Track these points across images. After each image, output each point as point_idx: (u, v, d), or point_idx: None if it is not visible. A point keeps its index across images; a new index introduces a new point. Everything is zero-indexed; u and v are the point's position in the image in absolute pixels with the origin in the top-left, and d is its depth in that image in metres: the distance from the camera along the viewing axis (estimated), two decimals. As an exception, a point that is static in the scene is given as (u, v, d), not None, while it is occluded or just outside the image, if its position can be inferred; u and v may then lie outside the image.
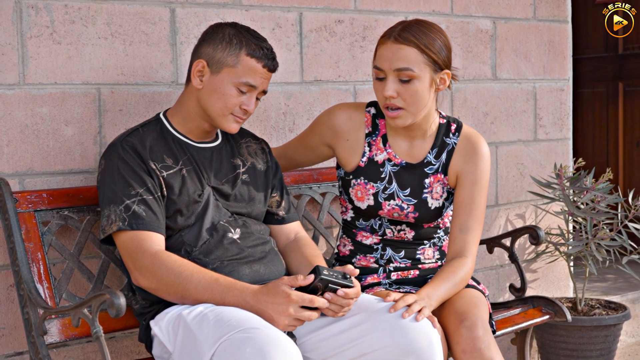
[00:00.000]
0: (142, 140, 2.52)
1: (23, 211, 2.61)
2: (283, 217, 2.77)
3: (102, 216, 2.46)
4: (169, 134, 2.59)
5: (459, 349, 2.53)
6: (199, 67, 2.54)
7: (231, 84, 2.52)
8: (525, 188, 4.05)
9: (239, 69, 2.51)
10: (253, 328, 2.19)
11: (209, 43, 2.54)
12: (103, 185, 2.48)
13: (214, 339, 2.22)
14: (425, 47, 2.60)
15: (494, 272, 3.95)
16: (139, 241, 2.41)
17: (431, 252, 2.89)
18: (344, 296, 2.31)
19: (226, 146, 2.69)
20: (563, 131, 4.20)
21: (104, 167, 2.50)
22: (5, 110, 2.68)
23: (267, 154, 2.77)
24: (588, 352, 3.86)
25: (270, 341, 2.15)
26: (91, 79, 2.83)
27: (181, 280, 2.37)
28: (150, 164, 2.49)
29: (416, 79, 2.61)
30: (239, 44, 2.51)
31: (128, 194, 2.44)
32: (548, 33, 4.10)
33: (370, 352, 2.38)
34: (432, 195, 2.80)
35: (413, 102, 2.63)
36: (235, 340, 2.17)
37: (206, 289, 2.37)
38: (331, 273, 2.29)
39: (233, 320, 2.23)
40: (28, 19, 2.70)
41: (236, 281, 2.38)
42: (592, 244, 3.83)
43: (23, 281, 2.52)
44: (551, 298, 3.16)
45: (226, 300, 2.35)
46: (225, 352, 2.18)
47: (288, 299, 2.26)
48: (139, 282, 2.43)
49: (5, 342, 2.71)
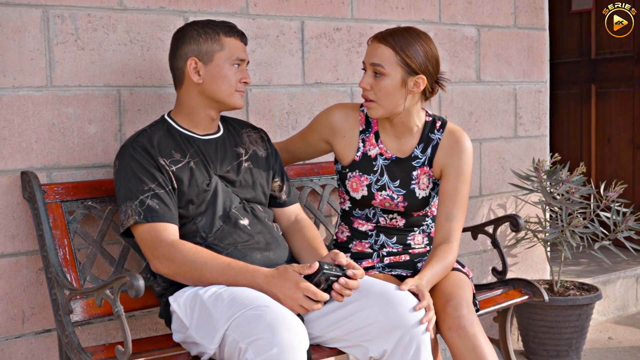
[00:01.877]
0: (151, 139, 2.52)
1: (50, 202, 2.61)
2: (285, 201, 2.78)
3: (120, 212, 2.46)
4: (175, 130, 2.59)
5: (445, 327, 2.53)
6: (192, 66, 2.53)
7: (227, 64, 2.54)
8: (506, 180, 4.05)
9: (226, 49, 2.54)
10: (264, 306, 2.21)
11: (187, 43, 2.54)
12: (119, 184, 2.48)
13: (227, 315, 2.23)
14: (400, 50, 2.61)
15: (477, 256, 3.95)
16: (155, 232, 2.42)
17: (420, 238, 2.89)
18: (345, 285, 2.32)
19: (229, 136, 2.69)
20: (541, 129, 4.20)
21: (118, 168, 2.50)
22: (34, 110, 2.68)
23: (267, 142, 2.78)
24: (563, 329, 3.86)
25: (279, 318, 2.17)
26: (112, 82, 2.83)
27: (197, 266, 2.38)
28: (159, 160, 2.49)
29: (386, 76, 2.63)
30: (213, 32, 2.54)
31: (142, 190, 2.44)
32: (527, 39, 4.09)
33: (363, 327, 2.39)
34: (420, 186, 2.80)
35: (382, 96, 2.65)
36: (248, 316, 2.19)
37: (220, 273, 2.37)
38: (331, 267, 2.32)
39: (245, 299, 2.25)
40: (55, 27, 2.70)
41: (247, 264, 2.39)
42: (567, 231, 3.83)
43: (51, 265, 2.52)
44: (530, 280, 3.16)
45: (239, 282, 2.36)
46: (238, 327, 2.19)
47: (296, 285, 2.28)
48: (158, 269, 2.44)
49: (35, 320, 2.72)
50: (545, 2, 4.15)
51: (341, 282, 2.32)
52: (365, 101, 2.69)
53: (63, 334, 2.50)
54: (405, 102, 2.68)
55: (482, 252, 3.97)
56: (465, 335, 2.49)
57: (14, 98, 2.64)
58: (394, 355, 2.35)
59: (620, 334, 4.36)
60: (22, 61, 2.65)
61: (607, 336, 4.33)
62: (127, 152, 2.49)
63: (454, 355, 2.52)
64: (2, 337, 2.67)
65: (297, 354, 2.13)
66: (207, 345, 2.30)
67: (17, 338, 2.70)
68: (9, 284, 2.66)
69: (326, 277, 2.30)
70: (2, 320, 2.66)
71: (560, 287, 3.99)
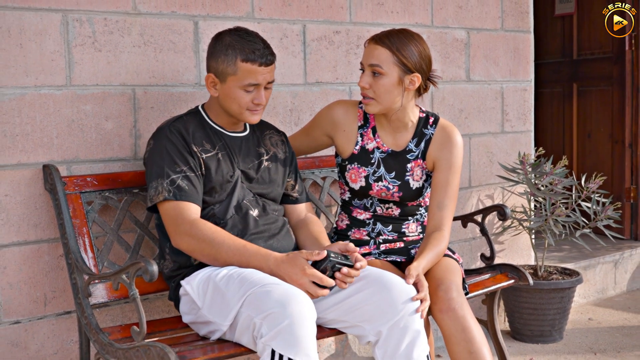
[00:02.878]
0: (186, 126, 2.53)
1: (70, 193, 2.62)
2: (297, 198, 2.78)
3: (150, 188, 2.47)
4: (207, 124, 2.60)
5: (436, 309, 2.54)
6: (210, 80, 2.54)
7: (237, 88, 2.50)
8: (494, 173, 4.06)
9: (239, 75, 2.48)
10: (273, 284, 2.24)
11: (213, 57, 2.52)
12: (151, 162, 2.49)
13: (240, 294, 2.25)
14: (397, 50, 2.61)
15: (467, 243, 3.95)
16: (180, 209, 2.43)
17: (414, 226, 2.90)
18: (347, 274, 2.34)
19: (253, 136, 2.70)
20: (526, 125, 4.20)
21: (152, 147, 2.51)
22: (55, 107, 2.68)
23: (286, 145, 2.78)
24: (547, 311, 3.87)
25: (288, 293, 2.19)
26: (127, 81, 2.83)
27: (214, 245, 2.39)
28: (192, 146, 2.50)
29: (384, 75, 2.63)
30: (233, 54, 2.47)
31: (174, 170, 2.45)
32: (514, 42, 4.09)
33: (360, 308, 2.40)
34: (414, 177, 2.80)
35: (380, 94, 2.65)
36: (258, 293, 2.21)
37: (235, 253, 2.39)
38: (337, 255, 2.34)
39: (255, 278, 2.28)
40: (73, 30, 2.70)
41: (260, 248, 2.41)
42: (551, 220, 3.83)
43: (71, 252, 2.53)
44: (516, 265, 3.17)
45: (251, 263, 2.38)
46: (251, 304, 2.21)
47: (303, 271, 2.29)
48: (179, 244, 2.45)
49: (56, 303, 2.73)
50: (530, 7, 4.15)
51: (343, 271, 2.34)
52: (364, 98, 2.70)
53: (82, 315, 2.51)
54: (402, 99, 2.69)
55: (472, 239, 3.97)
56: (455, 317, 2.50)
57: (36, 96, 2.65)
58: (390, 337, 2.36)
59: (599, 315, 4.37)
60: (44, 62, 2.65)
61: (588, 317, 4.34)
62: (163, 134, 2.50)
63: (445, 335, 2.52)
64: (26, 319, 2.68)
65: (307, 323, 2.16)
66: (220, 322, 2.32)
67: (40, 319, 2.71)
68: (32, 269, 2.67)
69: (332, 265, 2.32)
70: (25, 303, 2.67)
71: (544, 271, 4.00)
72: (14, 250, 2.64)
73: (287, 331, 2.13)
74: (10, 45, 2.58)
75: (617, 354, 3.74)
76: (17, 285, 2.65)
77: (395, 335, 2.35)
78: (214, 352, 2.33)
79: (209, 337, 2.43)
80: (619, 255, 4.84)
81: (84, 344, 2.62)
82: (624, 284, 4.88)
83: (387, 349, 2.36)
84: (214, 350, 2.33)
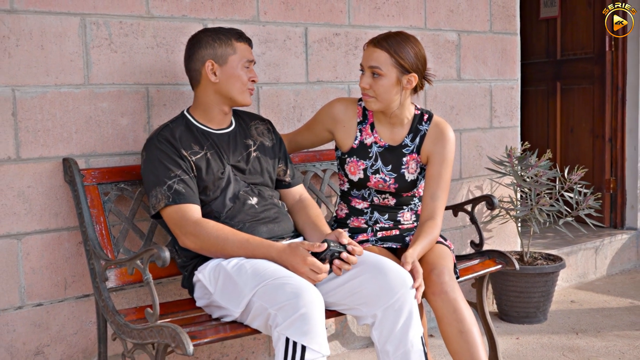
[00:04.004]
0: (173, 133, 2.52)
1: (88, 184, 2.61)
2: (289, 182, 2.78)
3: (150, 197, 2.46)
4: (193, 125, 2.58)
5: (429, 292, 2.53)
6: (209, 67, 2.52)
7: (239, 65, 2.53)
8: (483, 165, 4.05)
9: (238, 53, 2.53)
10: (286, 276, 2.24)
11: (204, 48, 2.52)
12: (147, 172, 2.48)
13: (252, 284, 2.26)
14: (395, 53, 2.60)
15: (458, 231, 3.95)
16: (182, 212, 2.42)
17: (409, 215, 2.89)
18: (345, 259, 2.35)
19: (239, 130, 2.68)
20: (513, 120, 4.19)
21: (145, 158, 2.50)
22: (74, 105, 2.68)
23: (272, 132, 2.77)
24: (532, 294, 3.87)
25: (302, 286, 2.20)
26: (141, 80, 2.82)
27: (219, 241, 2.39)
28: (182, 151, 2.48)
29: (384, 76, 2.62)
30: (226, 38, 2.53)
31: (169, 176, 2.44)
32: (501, 43, 4.08)
33: (358, 291, 2.40)
34: (409, 170, 2.80)
35: (380, 93, 2.64)
36: (273, 285, 2.22)
37: (240, 247, 2.39)
38: (335, 245, 2.34)
39: (268, 270, 2.28)
40: (91, 32, 2.69)
41: (263, 240, 2.41)
42: (536, 209, 3.83)
43: (89, 239, 2.53)
44: (503, 251, 3.16)
45: (256, 255, 2.38)
46: (265, 294, 2.22)
47: (304, 261, 2.30)
48: (186, 244, 2.44)
49: (76, 287, 2.73)
50: (516, 10, 4.14)
51: (343, 256, 2.34)
52: (364, 96, 2.69)
53: (100, 298, 2.51)
54: (401, 97, 2.69)
55: (462, 227, 3.97)
56: (447, 300, 2.50)
57: (56, 95, 2.64)
58: (386, 319, 2.36)
59: (581, 298, 4.37)
60: (63, 62, 2.64)
61: (570, 300, 4.34)
62: (153, 145, 2.49)
63: (438, 316, 2.52)
64: (48, 301, 2.68)
65: (318, 313, 2.17)
66: (232, 309, 2.32)
67: (60, 302, 2.71)
68: (53, 256, 2.67)
69: (332, 254, 2.32)
70: (47, 287, 2.67)
71: (529, 257, 4.00)
72: (36, 238, 2.63)
73: (301, 320, 2.13)
74: (32, 47, 2.57)
75: (597, 333, 3.74)
76: (39, 270, 2.65)
77: (390, 317, 2.35)
78: (225, 331, 2.33)
79: (222, 319, 2.43)
80: (599, 242, 4.83)
81: (102, 325, 2.62)
82: (604, 269, 4.88)
83: (383, 330, 2.36)
84: (225, 330, 2.34)
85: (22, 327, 2.63)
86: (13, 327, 2.62)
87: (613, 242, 4.93)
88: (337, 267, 2.35)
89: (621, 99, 5.10)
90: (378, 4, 3.52)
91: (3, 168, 2.56)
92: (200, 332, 2.29)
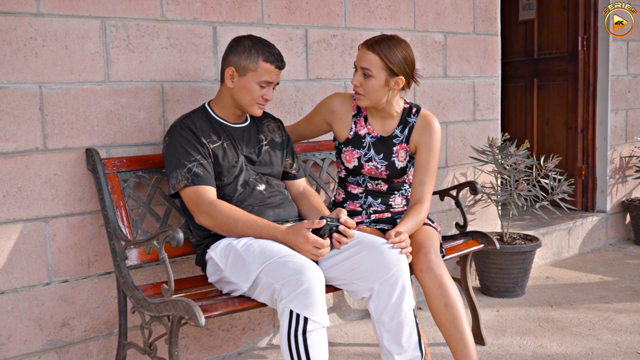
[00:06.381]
0: (194, 122, 2.52)
1: (109, 172, 2.61)
2: (295, 175, 2.78)
3: (171, 177, 2.46)
4: (212, 118, 2.58)
5: (417, 269, 2.54)
6: (229, 73, 2.52)
7: (254, 82, 2.50)
8: (467, 154, 4.05)
9: (259, 72, 2.49)
10: (290, 255, 2.25)
11: (234, 54, 2.51)
12: (170, 155, 2.48)
13: (260, 261, 2.26)
14: (385, 57, 2.59)
15: (444, 214, 3.95)
16: (199, 193, 2.42)
17: (400, 199, 2.89)
18: (343, 232, 2.35)
19: (253, 125, 2.68)
20: (494, 114, 4.19)
21: (168, 142, 2.50)
22: (95, 100, 2.67)
23: (282, 130, 2.77)
24: (511, 271, 3.87)
25: (304, 263, 2.20)
26: (156, 78, 2.81)
27: (231, 221, 2.39)
28: (202, 138, 2.49)
29: (373, 77, 2.61)
30: (256, 54, 2.48)
31: (189, 160, 2.44)
32: (483, 43, 4.06)
33: (355, 268, 2.41)
34: (399, 158, 2.79)
35: (369, 93, 2.64)
36: (279, 262, 2.22)
37: (249, 227, 2.39)
38: (333, 220, 2.35)
39: (274, 249, 2.28)
40: (110, 34, 2.68)
41: (270, 222, 2.41)
42: (514, 194, 3.83)
43: (110, 222, 2.53)
44: (485, 232, 3.17)
45: (263, 235, 2.38)
46: (271, 271, 2.22)
47: (306, 239, 2.30)
48: (201, 222, 2.44)
49: (98, 265, 2.73)
50: (497, 13, 4.12)
51: (340, 229, 2.34)
52: (356, 94, 2.69)
53: (120, 275, 2.51)
54: (388, 96, 2.68)
55: (448, 210, 3.97)
56: (434, 276, 2.50)
57: (79, 91, 2.63)
58: (382, 293, 2.36)
59: (555, 274, 4.38)
60: (85, 61, 2.63)
61: (546, 276, 4.34)
62: (176, 131, 2.49)
63: (425, 291, 2.53)
64: (73, 278, 2.68)
65: (318, 288, 2.17)
66: (241, 284, 2.33)
67: (84, 279, 2.71)
68: (78, 237, 2.67)
69: (329, 228, 2.32)
70: (72, 265, 2.67)
71: (508, 237, 4.00)
72: (62, 221, 2.63)
73: (303, 295, 2.14)
74: (57, 47, 2.57)
75: (570, 306, 3.75)
76: (65, 250, 2.65)
77: (386, 290, 2.36)
78: (234, 305, 2.34)
79: (231, 294, 2.43)
80: (572, 223, 4.83)
81: (122, 299, 2.63)
82: (576, 248, 4.89)
83: (379, 302, 2.37)
84: (234, 304, 2.34)
85: (49, 302, 2.64)
86: (42, 302, 2.62)
87: (584, 223, 4.93)
88: (337, 241, 2.35)
89: (592, 93, 5.09)
90: (372, 8, 3.50)
91: (32, 157, 2.56)
92: (211, 305, 2.30)
